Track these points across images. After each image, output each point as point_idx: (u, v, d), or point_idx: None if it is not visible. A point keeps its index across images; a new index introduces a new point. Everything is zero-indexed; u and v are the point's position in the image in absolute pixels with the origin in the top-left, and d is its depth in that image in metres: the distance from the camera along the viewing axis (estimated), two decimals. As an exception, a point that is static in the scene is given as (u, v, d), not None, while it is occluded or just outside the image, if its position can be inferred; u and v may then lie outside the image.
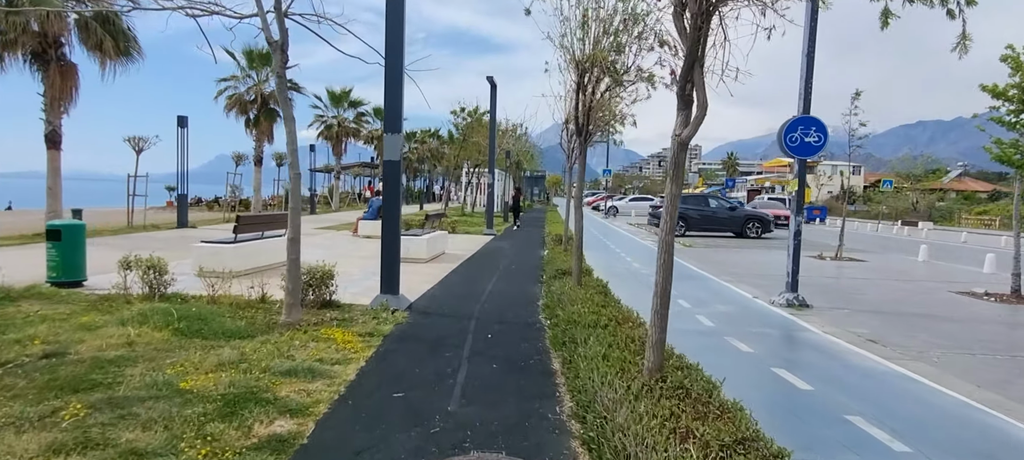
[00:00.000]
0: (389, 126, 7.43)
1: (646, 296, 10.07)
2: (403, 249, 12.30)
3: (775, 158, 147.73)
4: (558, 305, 7.00)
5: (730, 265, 14.67)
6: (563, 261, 10.97)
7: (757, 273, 13.43)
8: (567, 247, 13.15)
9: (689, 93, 3.50)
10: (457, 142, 31.25)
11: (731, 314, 8.50)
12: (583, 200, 8.05)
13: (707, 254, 17.34)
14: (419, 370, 5.03)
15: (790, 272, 9.29)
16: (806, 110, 9.07)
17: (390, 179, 7.51)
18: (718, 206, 25.46)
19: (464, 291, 9.18)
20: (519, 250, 15.58)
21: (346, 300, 7.76)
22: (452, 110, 29.55)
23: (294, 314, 6.11)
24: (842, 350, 6.62)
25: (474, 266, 12.19)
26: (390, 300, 7.40)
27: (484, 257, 13.83)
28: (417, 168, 57.93)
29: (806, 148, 9.11)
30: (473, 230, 21.84)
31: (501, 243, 17.43)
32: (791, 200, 12.41)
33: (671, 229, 3.84)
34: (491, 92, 20.34)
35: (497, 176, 42.31)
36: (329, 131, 37.29)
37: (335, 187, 39.38)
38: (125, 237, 15.70)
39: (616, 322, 5.58)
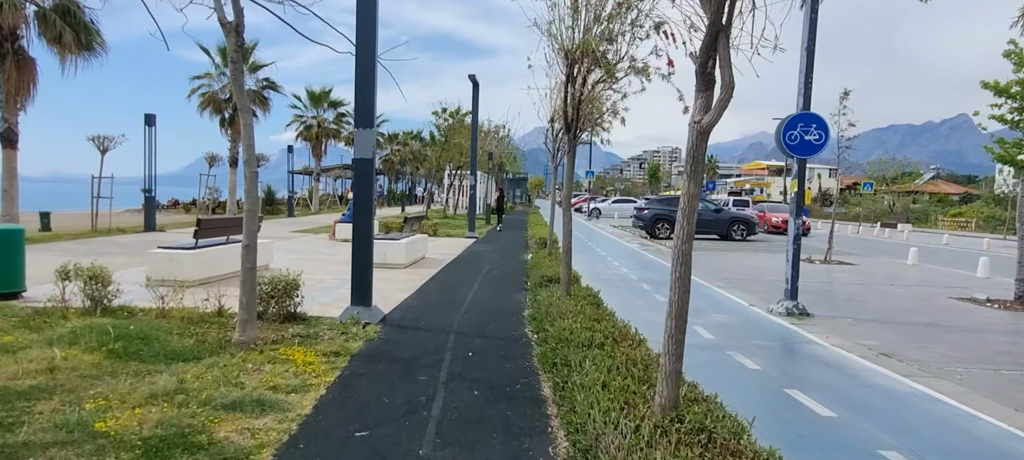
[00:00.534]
0: (361, 120, 6.75)
1: (640, 305, 9.49)
2: (380, 254, 11.60)
3: (753, 161, 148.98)
4: (546, 318, 6.37)
5: (720, 269, 14.17)
6: (548, 267, 10.37)
7: (749, 278, 12.93)
8: (552, 252, 12.56)
9: (711, 71, 2.90)
10: (438, 143, 30.53)
11: (730, 325, 7.93)
12: (571, 203, 7.43)
13: (695, 257, 16.81)
14: (388, 399, 4.36)
15: (789, 279, 8.77)
16: (806, 106, 8.56)
17: (362, 179, 6.83)
18: (703, 208, 25.05)
19: (444, 300, 8.50)
20: (502, 254, 14.94)
21: (314, 312, 7.06)
22: (433, 111, 28.88)
23: (249, 331, 5.40)
24: (855, 366, 6.07)
25: (455, 272, 11.52)
26: (361, 312, 6.71)
27: (466, 262, 13.17)
28: (399, 170, 57.11)
29: (806, 146, 8.59)
30: (455, 233, 21.15)
31: (483, 247, 16.78)
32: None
33: (689, 236, 3.21)
34: (473, 91, 19.69)
35: (479, 178, 41.66)
36: (308, 132, 36.34)
37: (315, 189, 38.42)
38: (85, 242, 14.77)
39: (613, 340, 4.97)
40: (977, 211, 60.55)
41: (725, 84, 2.85)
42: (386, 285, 9.57)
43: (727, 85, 2.85)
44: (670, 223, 24.37)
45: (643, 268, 13.93)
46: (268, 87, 25.97)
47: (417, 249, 12.64)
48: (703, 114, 2.96)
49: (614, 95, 7.03)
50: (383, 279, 10.11)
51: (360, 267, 6.84)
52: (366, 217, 6.88)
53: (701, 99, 2.97)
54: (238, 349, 5.26)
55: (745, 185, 79.73)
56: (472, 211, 20.36)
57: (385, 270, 11.18)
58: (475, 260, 13.54)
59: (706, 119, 2.94)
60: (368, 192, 6.83)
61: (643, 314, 8.26)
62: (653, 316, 8.22)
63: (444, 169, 38.76)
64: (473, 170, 20.19)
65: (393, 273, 10.92)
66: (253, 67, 25.45)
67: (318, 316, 6.92)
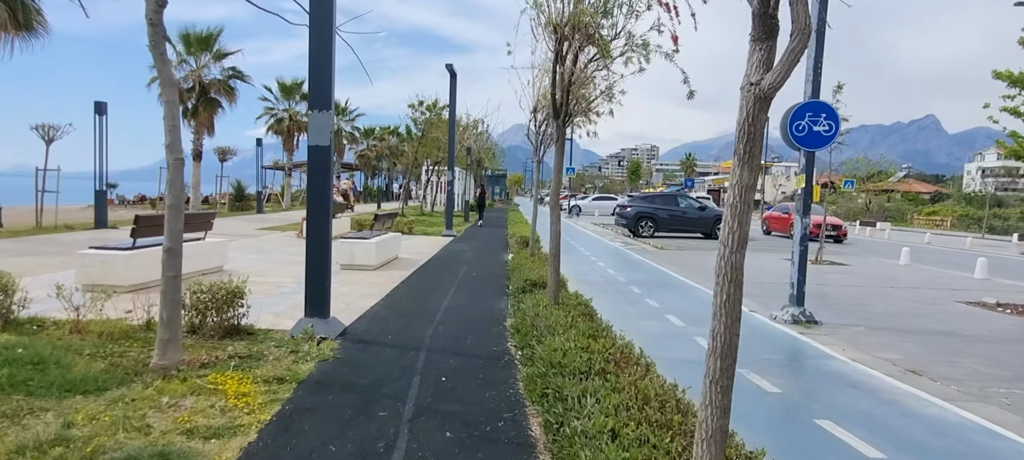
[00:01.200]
0: (317, 101, 5.79)
1: (634, 313, 8.62)
2: (347, 255, 10.62)
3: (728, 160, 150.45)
4: (533, 332, 5.49)
5: (709, 270, 13.41)
6: (531, 269, 9.50)
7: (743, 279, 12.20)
8: (535, 252, 11.70)
9: (774, 11, 2.05)
10: (415, 138, 29.45)
11: (734, 335, 7.15)
12: (559, 200, 6.55)
13: (682, 257, 16.14)
14: (337, 446, 3.44)
15: (795, 283, 8.01)
16: (815, 94, 7.81)
17: (318, 169, 5.87)
18: (687, 206, 24.47)
19: (415, 308, 7.58)
20: (480, 254, 14.03)
21: (264, 323, 6.10)
22: (410, 104, 27.75)
23: (171, 354, 4.43)
24: (886, 388, 5.31)
25: (430, 274, 10.58)
26: (317, 326, 5.76)
27: (442, 263, 12.23)
28: (376, 166, 55.81)
29: (815, 138, 7.84)
30: (431, 231, 20.18)
31: (461, 246, 15.85)
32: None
33: (740, 243, 2.36)
34: (451, 82, 18.73)
35: (458, 174, 40.60)
36: (280, 125, 34.96)
37: (287, 185, 36.99)
38: (24, 240, 13.50)
39: (615, 364, 4.11)
40: (950, 210, 61.25)
41: (798, 28, 2.00)
42: (352, 290, 8.61)
43: (802, 30, 2.00)
44: (653, 221, 23.72)
45: (630, 269, 13.14)
46: (234, 76, 24.65)
47: (389, 249, 11.67)
48: (763, 72, 2.11)
49: (609, 76, 6.16)
50: (349, 283, 9.14)
51: (315, 273, 5.89)
52: (322, 215, 5.92)
53: (760, 52, 2.11)
54: (157, 376, 4.29)
55: (724, 183, 79.72)
56: (449, 208, 19.41)
57: (353, 272, 10.21)
58: (452, 261, 12.61)
59: (768, 79, 2.09)
60: (324, 185, 5.88)
61: (639, 324, 7.44)
62: (650, 326, 7.40)
63: (421, 165, 37.68)
64: (451, 165, 19.23)
65: (361, 275, 9.95)
66: (218, 55, 24.12)
67: (267, 329, 5.95)
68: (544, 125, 11.64)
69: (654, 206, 24.09)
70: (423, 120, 28.12)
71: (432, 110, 27.45)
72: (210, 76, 24.32)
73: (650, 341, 6.50)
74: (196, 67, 23.94)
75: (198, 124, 23.84)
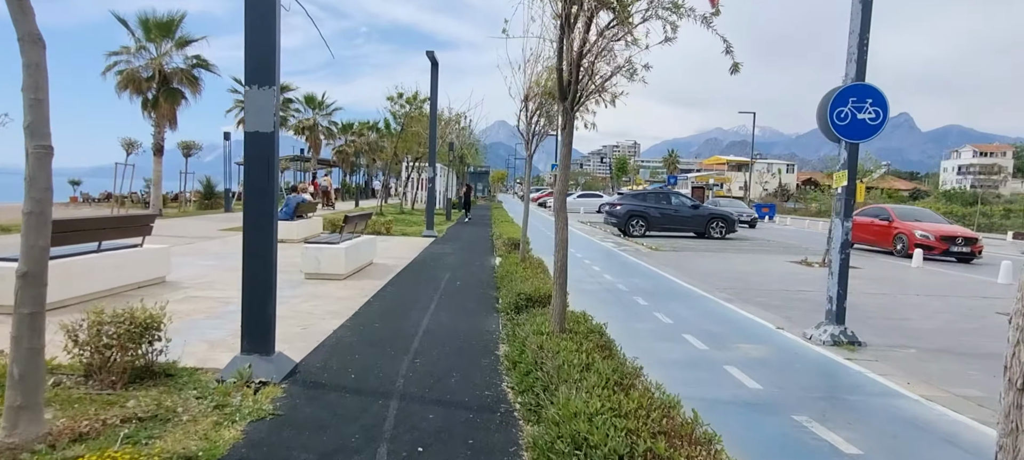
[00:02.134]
0: (255, 75, 4.47)
1: (645, 331, 7.28)
2: (314, 263, 9.27)
3: (713, 156, 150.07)
4: (537, 374, 4.25)
5: (714, 275, 12.33)
6: (524, 278, 8.26)
7: (752, 288, 11.11)
8: (527, 258, 10.46)
9: None
10: (393, 133, 28.01)
11: (770, 362, 5.98)
12: (565, 201, 5.29)
13: (680, 260, 15.03)
14: None
15: (835, 298, 6.87)
16: (859, 76, 6.66)
17: (257, 163, 4.54)
18: (679, 203, 23.41)
19: (388, 330, 6.28)
20: (465, 258, 12.74)
21: (194, 357, 4.80)
22: (388, 96, 26.28)
23: (26, 427, 3.09)
24: (987, 444, 4.16)
25: (407, 284, 9.28)
26: (256, 365, 4.45)
27: (422, 269, 10.93)
28: (354, 162, 54.09)
29: (859, 128, 6.70)
30: (411, 231, 18.83)
31: (443, 248, 14.55)
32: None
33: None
34: (432, 71, 17.38)
35: (439, 171, 39.16)
36: (250, 118, 33.24)
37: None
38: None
39: (665, 438, 2.88)
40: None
41: None
42: (314, 306, 7.29)
43: None
44: (645, 220, 22.64)
45: (629, 274, 11.97)
46: (199, 66, 22.98)
47: (361, 254, 10.34)
48: None
49: (629, 47, 4.92)
50: (313, 297, 7.82)
51: (255, 296, 4.57)
52: (263, 222, 4.61)
53: None
54: (3, 459, 2.96)
55: (709, 180, 79.42)
56: (430, 207, 18.07)
57: (319, 283, 8.88)
58: (433, 266, 11.31)
59: None
60: (266, 183, 4.56)
61: (654, 347, 6.25)
62: (668, 350, 6.19)
63: (402, 161, 36.19)
64: (432, 161, 17.88)
65: (328, 287, 8.62)
66: (181, 43, 22.45)
67: (194, 369, 4.63)
68: (536, 116, 10.40)
69: (645, 204, 23.01)
70: (403, 114, 26.69)
71: (412, 103, 26.05)
72: (172, 65, 22.66)
73: (673, 372, 5.31)
74: (157, 55, 22.26)
75: (159, 116, 22.17)
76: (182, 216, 22.63)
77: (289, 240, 14.08)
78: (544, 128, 10.46)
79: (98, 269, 7.18)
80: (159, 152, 22.66)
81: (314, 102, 46.55)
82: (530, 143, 10.52)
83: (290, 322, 6.37)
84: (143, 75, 21.99)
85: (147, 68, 22.14)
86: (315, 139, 47.13)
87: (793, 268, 14.23)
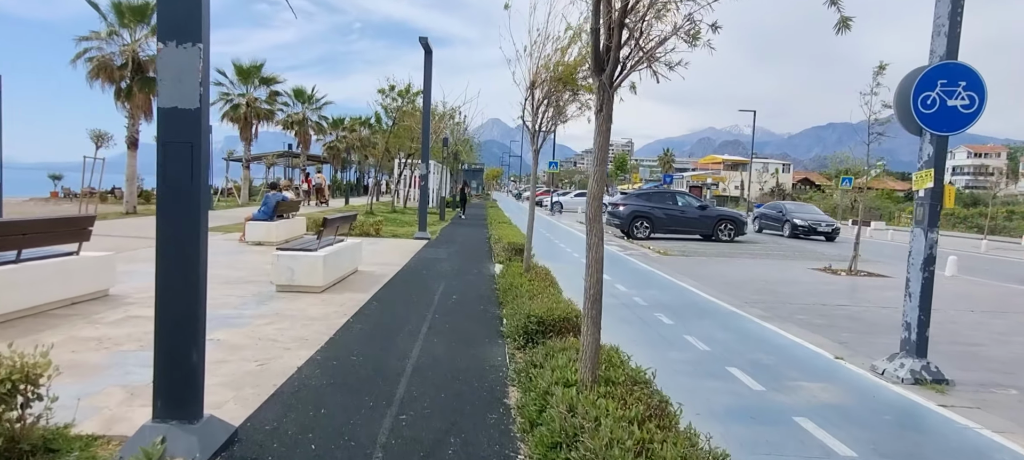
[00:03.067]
0: (172, 27, 3.17)
1: (680, 361, 4.80)
2: (287, 273, 7.94)
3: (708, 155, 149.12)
4: (572, 458, 2.99)
5: (737, 286, 11.13)
6: (531, 294, 7.01)
7: (783, 299, 9.91)
8: (532, 270, 9.18)
9: None
10: (384, 129, 26.60)
11: (850, 412, 4.74)
12: (600, 208, 3.98)
13: (694, 266, 13.82)
14: None
15: (914, 325, 5.64)
16: (951, 54, 5.43)
17: (176, 154, 3.22)
18: (686, 204, 22.22)
19: (366, 368, 4.99)
20: (461, 265, 11.46)
21: (106, 412, 3.53)
22: (380, 88, 24.90)
23: None
24: None
25: (395, 299, 7.98)
26: (173, 438, 3.15)
27: (412, 279, 9.63)
28: (346, 159, 52.59)
29: (949, 117, 5.47)
30: (402, 232, 17.53)
31: (437, 252, 13.25)
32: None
33: None
34: (425, 60, 16.06)
35: (433, 168, 37.75)
36: (235, 112, 31.82)
37: (246, 178, 33.82)
38: None
39: None
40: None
41: None
42: (280, 331, 5.98)
43: None
44: (650, 221, 21.44)
45: (644, 284, 10.74)
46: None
47: (343, 262, 9.03)
48: None
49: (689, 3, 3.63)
50: (280, 318, 6.51)
51: (173, 343, 3.26)
52: (185, 236, 3.28)
53: None
54: None
55: (706, 179, 78.57)
56: (423, 206, 16.75)
57: (291, 298, 7.57)
58: (426, 276, 10.02)
59: None
60: (189, 183, 3.24)
61: (698, 386, 5.00)
62: (716, 392, 4.87)
63: (394, 157, 34.79)
64: (425, 157, 16.56)
65: (301, 303, 7.32)
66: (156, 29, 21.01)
67: (93, 437, 3.35)
68: (544, 106, 9.11)
69: (651, 204, 21.79)
70: (395, 107, 25.34)
71: (404, 96, 24.71)
72: (148, 52, 21.21)
73: (733, 428, 4.08)
74: (130, 41, 20.81)
75: (133, 107, 20.73)
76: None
77: (269, 243, 12.75)
78: (552, 121, 9.17)
79: (15, 284, 5.85)
80: (133, 145, 21.21)
81: (303, 96, 45.09)
82: (536, 137, 9.23)
83: (245, 355, 5.07)
84: (116, 63, 20.54)
85: (120, 55, 20.69)
86: (304, 134, 45.68)
87: (819, 277, 13.05)
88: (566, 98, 8.97)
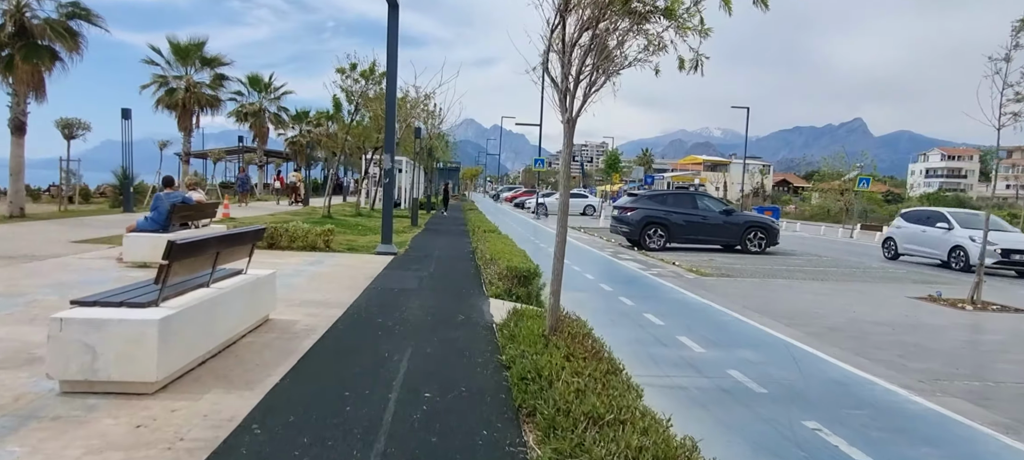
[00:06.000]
0: None
1: None
2: (82, 358, 3.85)
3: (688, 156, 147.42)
4: None
5: (836, 329, 7.51)
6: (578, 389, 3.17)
7: (925, 352, 6.28)
8: (560, 323, 5.34)
9: None
10: (341, 120, 22.45)
11: None
12: None
13: (748, 292, 10.19)
14: None
15: None
16: None
17: None
18: (707, 208, 18.64)
19: None
20: (438, 305, 7.54)
21: None
22: (338, 68, 20.79)
23: None
24: None
25: (303, 411, 4.02)
26: None
27: (353, 343, 5.66)
28: (310, 155, 47.98)
29: None
30: (363, 244, 13.55)
31: (403, 279, 9.30)
32: None
33: None
34: (389, 16, 12.08)
35: (405, 165, 33.57)
36: (171, 97, 27.26)
37: (184, 173, 29.07)
38: None
39: None
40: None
41: None
42: None
43: None
44: (666, 228, 17.79)
45: (696, 322, 7.05)
46: (77, 16, 17.14)
47: (223, 321, 4.97)
48: None
49: None
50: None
51: None
52: None
53: None
54: None
55: (693, 180, 75.94)
56: (387, 211, 12.75)
57: (85, 412, 3.54)
58: (378, 334, 6.06)
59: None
60: None
61: None
62: None
63: (365, 152, 30.49)
64: (388, 146, 12.56)
65: (98, 427, 3.34)
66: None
67: None
68: (582, 50, 5.23)
69: (666, 208, 18.13)
70: (357, 91, 21.26)
71: (369, 77, 20.64)
72: (43, 14, 16.81)
73: None
74: (17, 4, 16.36)
75: (16, 81, 16.27)
76: (53, 217, 16.78)
77: (153, 264, 8.67)
78: (595, 71, 5.25)
79: None
80: (19, 130, 16.72)
81: (260, 84, 40.61)
82: (566, 99, 5.29)
83: None
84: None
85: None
86: (261, 127, 41.17)
87: (933, 311, 9.51)
88: (622, 30, 5.14)
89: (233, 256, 5.56)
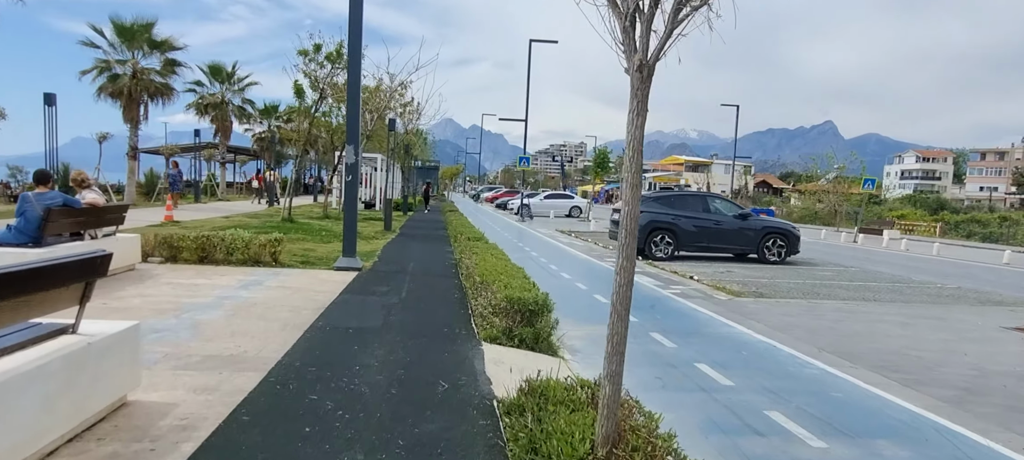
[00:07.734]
0: None
1: None
2: None
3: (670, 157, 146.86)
4: None
5: (918, 367, 5.33)
6: None
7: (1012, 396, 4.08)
8: (619, 425, 3.03)
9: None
10: (307, 107, 19.88)
11: None
12: None
13: (801, 320, 7.95)
14: None
15: None
16: None
17: None
18: (719, 212, 16.51)
19: None
20: (408, 361, 5.16)
21: None
22: (300, 50, 18.21)
23: None
24: None
25: None
26: None
27: (264, 439, 3.30)
28: (280, 152, 44.99)
29: None
30: (320, 255, 11.10)
31: (363, 308, 6.91)
32: None
33: None
34: (353, -27, 9.65)
35: (380, 163, 30.93)
36: (115, 84, 24.32)
37: (133, 172, 26.04)
38: None
39: None
40: (919, 215, 57.77)
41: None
42: None
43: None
44: (674, 234, 15.62)
45: (787, 386, 4.77)
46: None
47: None
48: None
49: None
50: None
51: None
52: None
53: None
54: None
55: (679, 181, 74.41)
56: (350, 218, 10.28)
57: None
58: (316, 415, 3.70)
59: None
60: None
61: None
62: None
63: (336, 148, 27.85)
64: (352, 136, 10.11)
65: None
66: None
67: None
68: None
69: (674, 212, 15.94)
70: (323, 77, 18.72)
71: (335, 61, 18.12)
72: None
73: None
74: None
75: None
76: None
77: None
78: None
79: None
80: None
81: (222, 74, 37.63)
82: (635, 30, 2.97)
83: None
84: None
85: None
86: (223, 120, 38.16)
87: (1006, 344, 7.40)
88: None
89: (43, 304, 3.15)
